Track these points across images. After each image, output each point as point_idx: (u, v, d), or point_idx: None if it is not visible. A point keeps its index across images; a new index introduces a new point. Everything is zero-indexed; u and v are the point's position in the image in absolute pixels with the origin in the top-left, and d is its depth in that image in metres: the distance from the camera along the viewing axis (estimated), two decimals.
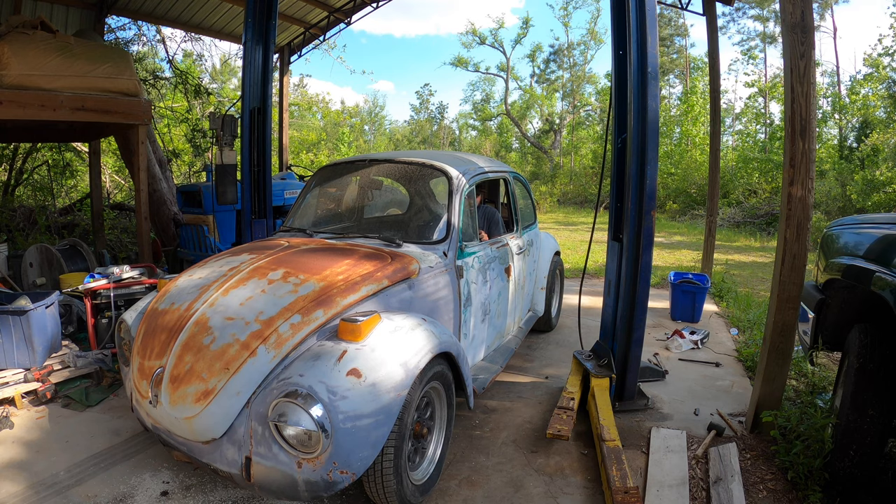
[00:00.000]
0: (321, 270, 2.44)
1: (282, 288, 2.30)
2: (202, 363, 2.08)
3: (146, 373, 2.21)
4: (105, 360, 3.79)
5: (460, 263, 3.00)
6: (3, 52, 4.33)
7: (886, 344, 2.28)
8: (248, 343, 2.08)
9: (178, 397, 2.07)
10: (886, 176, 11.70)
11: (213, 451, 2.08)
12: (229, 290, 2.33)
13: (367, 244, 2.90)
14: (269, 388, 2.02)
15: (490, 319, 3.40)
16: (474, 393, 2.75)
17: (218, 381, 2.03)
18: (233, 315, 2.19)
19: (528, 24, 26.88)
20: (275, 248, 2.77)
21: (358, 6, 8.86)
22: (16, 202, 9.02)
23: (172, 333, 2.22)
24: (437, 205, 3.35)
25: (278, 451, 1.95)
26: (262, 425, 1.98)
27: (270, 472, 1.97)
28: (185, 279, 2.58)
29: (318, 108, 28.70)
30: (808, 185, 2.63)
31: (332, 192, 3.98)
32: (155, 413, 2.17)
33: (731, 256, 9.37)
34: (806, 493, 2.37)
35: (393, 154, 3.83)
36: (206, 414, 2.02)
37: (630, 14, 2.94)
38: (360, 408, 1.93)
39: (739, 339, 4.70)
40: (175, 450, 2.24)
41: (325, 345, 2.12)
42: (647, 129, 2.90)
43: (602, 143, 17.25)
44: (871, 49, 27.17)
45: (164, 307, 2.40)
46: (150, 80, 10.29)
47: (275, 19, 4.65)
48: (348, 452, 1.91)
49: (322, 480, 1.92)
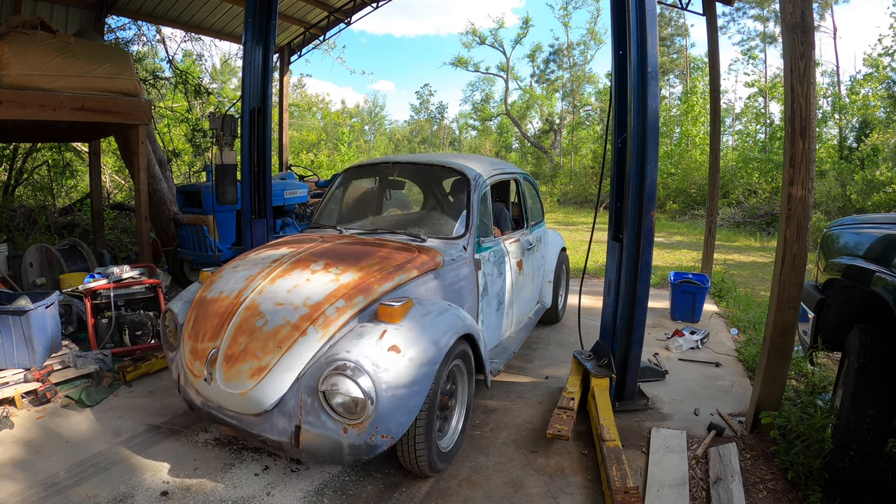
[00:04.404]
0: (358, 262, 2.71)
1: (325, 277, 2.57)
2: (256, 343, 2.33)
3: (199, 354, 2.45)
4: (105, 360, 3.78)
5: (478, 257, 3.26)
6: (3, 52, 4.33)
7: (886, 344, 2.27)
8: (298, 325, 2.33)
9: (232, 374, 2.31)
10: (886, 176, 11.70)
11: (263, 423, 2.30)
12: (276, 280, 2.58)
13: (394, 239, 3.13)
14: (319, 364, 2.27)
15: (504, 309, 3.64)
16: (490, 374, 3.03)
17: (271, 359, 2.28)
18: (282, 301, 2.44)
19: (528, 24, 26.88)
20: (312, 243, 3.04)
21: (358, 6, 8.86)
22: (16, 202, 9.01)
23: (224, 319, 2.47)
24: (457, 203, 3.58)
25: (326, 419, 2.20)
26: (312, 396, 2.23)
27: (318, 439, 2.21)
28: (230, 271, 2.84)
29: (317, 108, 28.70)
30: (808, 185, 2.63)
31: (357, 191, 4.33)
32: (208, 390, 2.41)
33: (731, 256, 9.37)
34: (806, 493, 2.37)
35: (414, 157, 4.12)
36: (260, 388, 2.26)
37: (630, 14, 2.94)
38: (400, 379, 2.20)
39: (739, 339, 4.70)
40: (223, 425, 2.47)
41: (366, 326, 2.38)
42: (647, 129, 2.90)
43: (602, 143, 17.24)
44: (871, 49, 27.16)
45: (213, 296, 2.65)
46: (150, 80, 10.28)
47: (275, 19, 4.65)
48: (389, 418, 2.16)
49: (365, 444, 2.17)
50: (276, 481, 2.54)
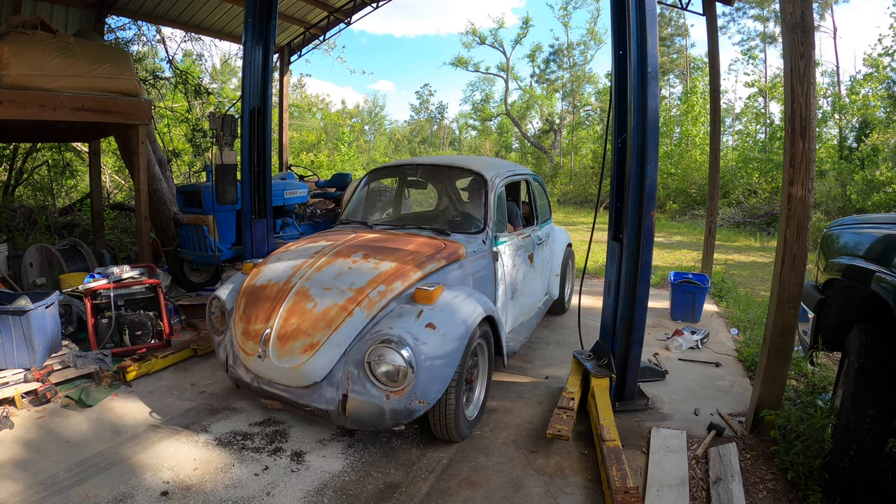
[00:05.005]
0: (393, 253, 3.06)
1: (365, 266, 2.92)
2: (307, 323, 2.66)
3: (252, 334, 2.77)
4: (105, 360, 3.78)
5: (495, 250, 3.59)
6: (3, 52, 4.33)
7: (886, 344, 2.27)
8: (345, 306, 2.67)
9: (285, 351, 2.63)
10: (886, 176, 11.69)
11: (312, 394, 2.63)
12: (321, 269, 2.94)
13: (421, 234, 3.49)
14: (365, 339, 2.60)
15: (517, 298, 3.96)
16: (506, 354, 3.35)
17: (322, 336, 2.60)
18: (329, 286, 2.79)
19: (528, 24, 26.87)
20: (348, 237, 3.39)
21: (358, 6, 8.86)
22: (16, 202, 9.00)
23: (276, 302, 2.80)
24: (475, 202, 3.90)
25: (371, 387, 2.52)
26: (358, 367, 2.55)
27: (363, 405, 2.53)
28: (274, 262, 3.20)
29: (317, 108, 28.69)
30: (808, 185, 2.63)
31: (383, 190, 4.76)
32: (261, 366, 2.72)
33: (731, 256, 9.37)
34: (806, 493, 2.37)
35: (435, 159, 4.63)
36: (312, 362, 2.58)
37: (630, 14, 2.94)
38: (435, 352, 2.53)
39: (739, 339, 4.70)
40: (272, 399, 2.79)
41: (405, 307, 2.74)
42: (647, 129, 2.90)
43: (602, 143, 17.24)
44: (871, 49, 27.13)
45: (262, 283, 3.01)
46: (150, 80, 10.28)
47: (275, 19, 4.65)
48: (426, 386, 2.49)
49: (405, 409, 2.49)
50: (276, 481, 2.54)
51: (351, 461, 2.73)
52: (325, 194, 7.75)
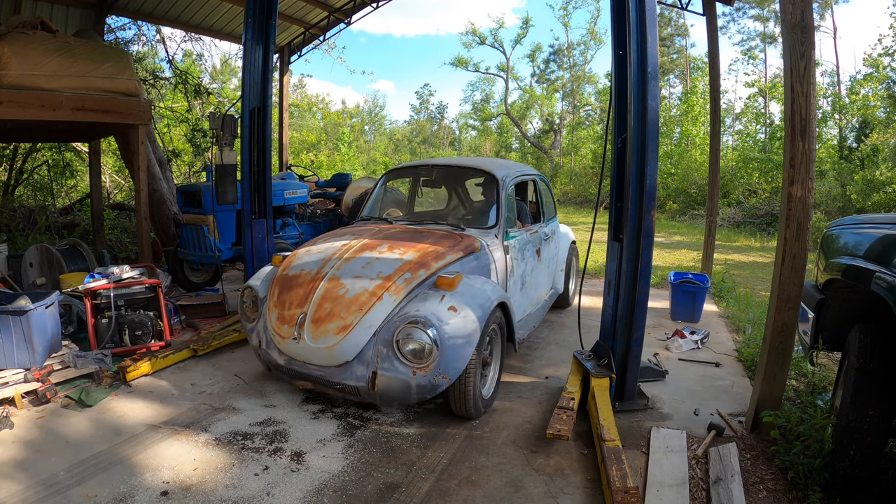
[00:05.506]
0: (415, 245, 3.34)
1: (391, 256, 3.21)
2: (339, 307, 2.94)
3: (287, 319, 3.05)
4: (105, 360, 3.78)
5: (506, 244, 3.85)
6: (3, 52, 4.33)
7: (886, 344, 2.27)
8: (375, 291, 2.96)
9: (320, 333, 2.91)
10: (886, 176, 11.69)
11: (343, 372, 2.90)
12: (350, 259, 3.22)
13: (439, 228, 3.77)
14: (393, 321, 2.88)
15: (526, 289, 4.22)
16: (517, 341, 3.60)
17: (354, 319, 2.88)
18: (359, 274, 3.08)
19: (528, 24, 26.87)
20: (371, 231, 3.68)
21: (358, 6, 8.87)
22: (16, 202, 9.00)
23: (309, 290, 3.09)
24: (488, 199, 4.19)
25: (398, 364, 2.80)
26: (387, 347, 2.83)
27: (391, 381, 2.81)
28: (304, 254, 3.46)
29: (317, 108, 28.68)
30: (808, 185, 2.63)
31: (400, 189, 5.19)
32: (295, 348, 2.99)
33: (731, 256, 9.36)
34: (806, 493, 2.37)
35: (449, 160, 5.18)
36: (344, 343, 2.86)
37: (630, 14, 2.94)
38: (457, 332, 2.80)
39: (739, 339, 4.69)
40: (304, 379, 3.06)
41: (428, 293, 3.03)
42: (647, 129, 2.90)
43: (602, 143, 17.23)
44: (871, 49, 27.13)
45: (295, 273, 3.28)
46: (150, 80, 10.28)
47: (275, 19, 4.65)
48: (448, 363, 2.76)
49: (429, 384, 2.77)
50: (276, 481, 2.54)
51: (351, 461, 2.73)
52: (325, 194, 7.74)
